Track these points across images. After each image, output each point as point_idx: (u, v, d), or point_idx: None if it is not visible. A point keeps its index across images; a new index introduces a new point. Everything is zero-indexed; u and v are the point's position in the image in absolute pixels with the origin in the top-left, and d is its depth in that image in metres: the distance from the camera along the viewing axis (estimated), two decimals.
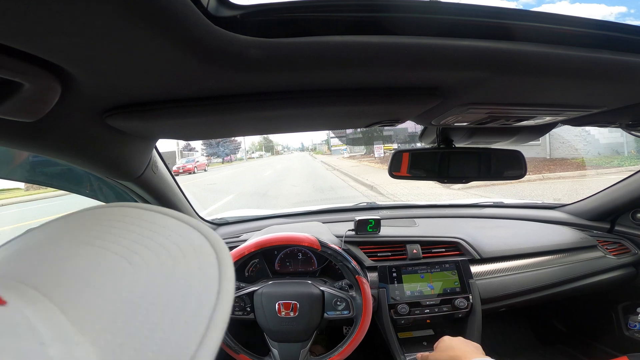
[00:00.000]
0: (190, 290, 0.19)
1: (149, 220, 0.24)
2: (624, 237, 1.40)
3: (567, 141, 11.29)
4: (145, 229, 0.23)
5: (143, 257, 0.21)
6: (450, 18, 0.37)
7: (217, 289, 0.19)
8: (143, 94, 0.47)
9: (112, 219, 0.25)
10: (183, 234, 0.23)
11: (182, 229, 0.23)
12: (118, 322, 0.17)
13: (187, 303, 0.18)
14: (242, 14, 0.33)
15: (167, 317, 0.18)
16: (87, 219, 0.26)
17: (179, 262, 0.21)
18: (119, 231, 0.23)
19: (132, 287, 0.19)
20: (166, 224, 0.24)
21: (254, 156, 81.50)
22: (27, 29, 0.28)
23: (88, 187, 0.96)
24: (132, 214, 0.25)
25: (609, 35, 0.41)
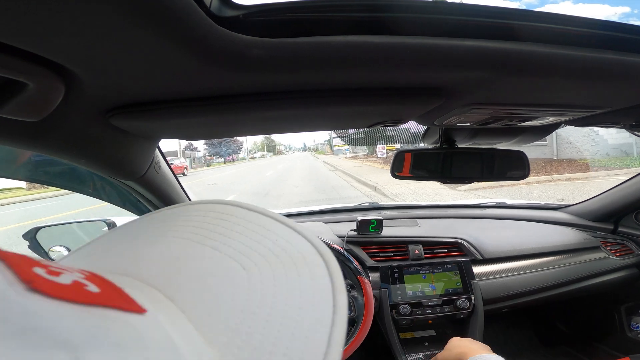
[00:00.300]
0: (306, 303, 0.18)
1: (254, 221, 0.23)
2: (627, 238, 1.40)
3: (575, 142, 11.12)
4: (251, 230, 0.23)
5: (255, 262, 0.20)
6: (453, 18, 0.37)
7: (332, 302, 0.18)
8: (146, 94, 0.47)
9: (217, 217, 0.24)
10: (290, 240, 0.22)
11: (289, 234, 0.22)
12: (242, 333, 0.17)
13: (305, 316, 0.17)
14: (245, 14, 0.33)
15: (287, 330, 0.17)
16: (188, 215, 0.25)
17: (290, 271, 0.20)
18: (227, 231, 0.22)
19: (249, 295, 0.18)
20: (271, 227, 0.23)
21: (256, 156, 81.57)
22: (31, 28, 0.29)
23: (91, 186, 0.96)
24: (237, 213, 0.24)
25: (613, 35, 0.41)
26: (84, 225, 1.23)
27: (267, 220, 0.23)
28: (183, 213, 0.26)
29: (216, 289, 0.19)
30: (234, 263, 0.20)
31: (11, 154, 0.80)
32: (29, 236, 1.08)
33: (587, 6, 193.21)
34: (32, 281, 0.13)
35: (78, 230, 1.23)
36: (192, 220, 0.25)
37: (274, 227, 0.23)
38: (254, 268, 0.20)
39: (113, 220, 1.15)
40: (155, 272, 0.20)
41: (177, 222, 0.25)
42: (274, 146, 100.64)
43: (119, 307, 0.15)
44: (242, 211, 0.25)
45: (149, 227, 0.26)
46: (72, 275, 0.15)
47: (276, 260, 0.20)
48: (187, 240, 0.22)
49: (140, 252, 0.23)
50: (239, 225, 0.23)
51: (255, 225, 0.23)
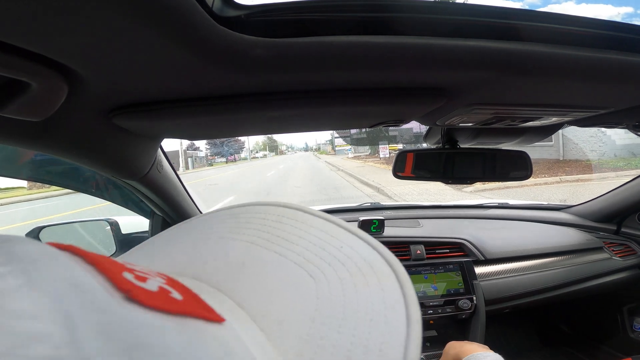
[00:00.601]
0: (377, 315, 0.17)
1: (315, 226, 0.23)
2: (630, 239, 1.39)
3: (582, 142, 10.90)
4: (314, 236, 0.22)
5: (322, 270, 0.19)
6: (456, 18, 0.37)
7: (405, 314, 0.17)
8: (149, 94, 0.47)
9: (277, 220, 0.23)
10: (354, 247, 0.21)
11: (353, 240, 0.22)
12: (313, 345, 0.16)
13: (377, 329, 0.16)
14: (247, 14, 0.33)
15: (360, 343, 0.16)
16: (248, 217, 0.25)
17: (358, 280, 0.19)
18: (290, 236, 0.22)
19: (318, 305, 0.18)
20: (334, 233, 0.22)
21: (258, 156, 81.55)
22: (35, 29, 0.29)
23: (94, 186, 0.96)
24: (297, 217, 0.24)
25: (616, 35, 0.40)
26: (86, 224, 1.24)
27: (328, 226, 0.23)
28: (242, 214, 0.25)
29: (285, 297, 0.18)
30: (301, 270, 0.19)
31: (15, 153, 0.81)
32: (32, 235, 1.08)
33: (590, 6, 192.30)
34: (129, 290, 0.13)
35: (81, 229, 1.24)
36: (253, 222, 0.24)
37: (337, 233, 0.22)
38: (321, 276, 0.19)
39: (115, 220, 1.16)
40: (222, 276, 0.20)
41: (237, 223, 0.24)
42: (275, 146, 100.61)
43: (202, 317, 0.15)
44: (301, 215, 0.24)
45: (207, 226, 0.25)
46: (156, 281, 0.15)
47: (343, 269, 0.19)
48: (250, 244, 0.22)
49: (203, 253, 0.22)
50: (301, 230, 0.22)
51: (317, 230, 0.22)
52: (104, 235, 1.16)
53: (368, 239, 0.22)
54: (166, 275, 0.17)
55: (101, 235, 1.17)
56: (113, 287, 0.13)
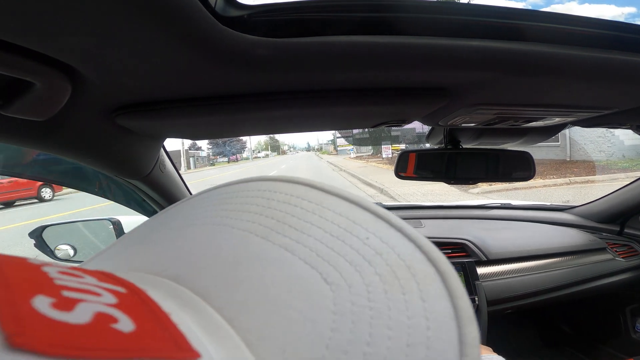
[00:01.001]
0: (418, 337, 0.13)
1: (333, 209, 0.18)
2: (633, 240, 1.38)
3: (590, 142, 10.62)
4: (332, 223, 0.17)
5: (341, 272, 0.15)
6: (459, 18, 0.37)
7: (457, 337, 0.13)
8: (152, 94, 0.47)
9: (285, 201, 0.19)
10: (385, 238, 0.16)
11: (383, 230, 0.16)
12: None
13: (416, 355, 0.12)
14: (250, 14, 0.33)
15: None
16: (248, 197, 0.20)
17: (392, 287, 0.14)
18: (299, 223, 0.17)
19: (335, 325, 0.13)
20: (358, 218, 0.17)
21: (260, 155, 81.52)
22: (38, 29, 0.29)
23: (97, 185, 0.97)
24: (310, 196, 0.19)
25: (620, 35, 0.40)
26: (89, 224, 1.24)
27: (351, 208, 0.18)
28: (241, 193, 0.21)
29: (290, 312, 0.14)
30: (313, 272, 0.15)
31: (18, 152, 0.81)
32: (35, 234, 1.08)
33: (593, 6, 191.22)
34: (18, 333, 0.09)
35: (83, 228, 1.24)
36: (253, 203, 0.19)
37: (361, 219, 0.17)
38: (340, 281, 0.15)
39: (118, 219, 1.16)
40: (211, 280, 0.16)
41: (234, 205, 0.20)
42: (277, 146, 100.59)
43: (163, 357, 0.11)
44: (316, 193, 0.19)
45: (197, 211, 0.21)
46: (95, 304, 0.11)
47: (370, 270, 0.15)
48: (248, 233, 0.17)
49: (190, 247, 0.18)
50: (315, 214, 0.18)
51: (335, 215, 0.17)
52: (106, 235, 1.16)
53: (404, 227, 0.16)
54: (128, 286, 0.13)
55: (104, 234, 1.18)
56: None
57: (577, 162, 10.32)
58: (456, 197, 6.70)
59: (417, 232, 0.16)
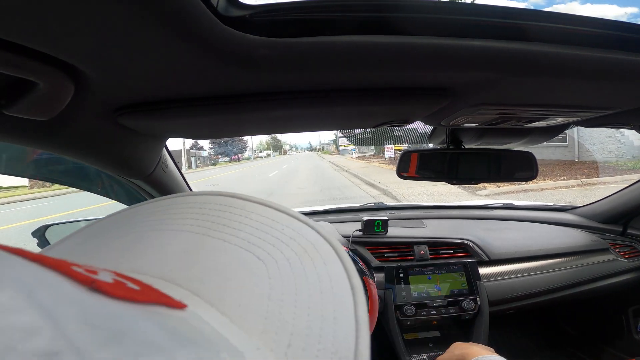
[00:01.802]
0: (325, 287, 0.18)
1: (256, 212, 0.23)
2: (636, 240, 1.38)
3: (599, 143, 10.27)
4: (256, 221, 0.22)
5: (268, 252, 0.20)
6: (461, 18, 0.37)
7: (349, 284, 0.19)
8: (154, 93, 0.47)
9: (216, 209, 0.23)
10: (296, 229, 0.22)
11: (294, 223, 0.22)
12: (275, 320, 0.17)
13: (327, 300, 0.18)
14: (251, 14, 0.33)
15: (316, 314, 0.17)
16: (183, 207, 0.24)
17: (304, 259, 0.20)
18: (231, 222, 0.22)
19: (271, 284, 0.18)
20: (275, 217, 0.23)
21: (262, 155, 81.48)
22: (42, 28, 0.29)
23: (99, 184, 0.97)
24: (236, 204, 0.24)
25: (623, 35, 0.40)
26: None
27: (269, 211, 0.23)
28: (175, 205, 0.25)
29: (237, 280, 0.19)
30: (248, 254, 0.20)
31: (20, 152, 0.81)
32: (38, 234, 1.09)
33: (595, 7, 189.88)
34: (92, 281, 0.13)
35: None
36: (189, 212, 0.24)
37: (278, 217, 0.23)
38: (268, 257, 0.20)
39: None
40: (166, 267, 0.19)
41: (171, 214, 0.24)
42: (279, 145, 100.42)
43: (165, 304, 0.15)
44: (240, 202, 0.24)
45: (137, 220, 0.24)
46: (106, 274, 0.15)
47: (288, 249, 0.20)
48: (189, 232, 0.22)
49: (139, 247, 0.21)
50: (241, 216, 0.23)
51: (258, 216, 0.23)
52: None
53: (308, 221, 0.23)
54: (108, 269, 0.16)
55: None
56: (73, 280, 0.13)
57: (586, 163, 10.06)
58: (464, 199, 6.61)
59: (316, 223, 0.23)
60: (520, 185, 6.84)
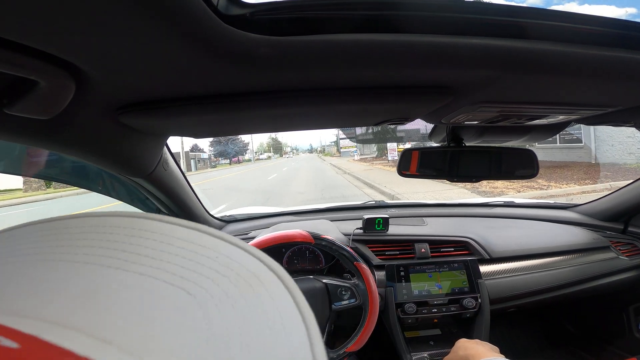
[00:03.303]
0: (275, 325, 0.16)
1: (181, 237, 0.19)
2: (637, 238, 1.38)
3: (618, 143, 9.44)
4: (182, 248, 0.18)
5: (202, 286, 0.17)
6: (462, 16, 0.37)
7: (302, 320, 0.16)
8: (155, 92, 0.47)
9: (130, 234, 0.19)
10: (234, 257, 0.18)
11: (229, 249, 0.19)
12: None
13: (280, 339, 0.15)
14: (252, 12, 0.33)
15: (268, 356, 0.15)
16: (87, 232, 0.19)
17: (246, 292, 0.17)
18: (151, 252, 0.18)
19: (209, 324, 0.15)
20: (205, 242, 0.19)
21: (262, 157, 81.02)
22: (43, 27, 0.29)
23: (100, 183, 0.97)
24: (154, 228, 0.20)
25: (624, 33, 0.40)
26: None
27: (197, 235, 0.20)
28: (76, 228, 0.20)
29: (166, 322, 0.15)
30: (178, 290, 0.16)
31: (22, 151, 0.82)
32: None
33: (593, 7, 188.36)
34: None
35: None
36: (96, 239, 0.19)
37: (209, 243, 0.19)
38: (203, 293, 0.16)
39: None
40: (66, 309, 0.14)
41: (70, 240, 0.19)
42: (280, 147, 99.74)
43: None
44: (158, 225, 0.20)
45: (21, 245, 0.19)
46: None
47: (226, 281, 0.17)
48: (97, 265, 0.17)
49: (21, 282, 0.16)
50: (164, 242, 0.19)
51: (184, 242, 0.19)
52: None
53: (246, 246, 0.19)
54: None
55: None
56: None
57: (606, 165, 9.35)
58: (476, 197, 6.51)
59: (256, 249, 0.19)
60: (544, 191, 6.66)
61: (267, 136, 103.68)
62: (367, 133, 16.90)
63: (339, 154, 53.10)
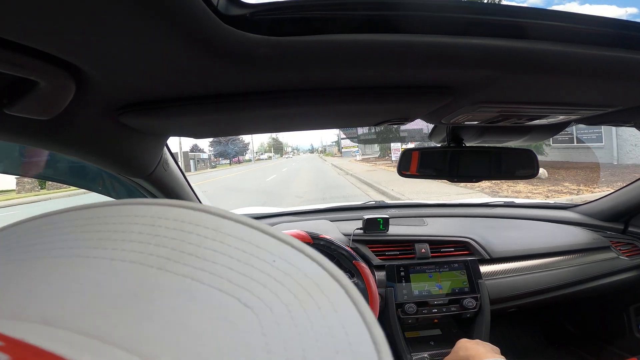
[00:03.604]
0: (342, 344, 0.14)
1: (235, 235, 0.17)
2: (637, 238, 1.38)
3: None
4: (235, 248, 0.16)
5: (258, 295, 0.15)
6: (462, 16, 0.37)
7: (370, 338, 0.14)
8: (155, 92, 0.47)
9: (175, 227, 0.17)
10: (292, 260, 0.16)
11: (287, 252, 0.17)
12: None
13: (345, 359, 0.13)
14: (252, 13, 0.33)
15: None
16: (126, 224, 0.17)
17: (307, 303, 0.15)
18: (199, 250, 0.16)
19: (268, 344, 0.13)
20: (261, 242, 0.17)
21: (263, 158, 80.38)
22: (43, 27, 0.29)
23: (100, 184, 0.97)
24: (204, 222, 0.17)
25: (624, 33, 0.40)
26: None
27: (251, 233, 0.17)
28: (116, 218, 0.17)
29: (219, 340, 0.13)
30: (229, 299, 0.14)
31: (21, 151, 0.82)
32: None
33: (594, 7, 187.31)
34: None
35: None
36: (136, 231, 0.16)
37: (264, 243, 0.17)
38: (259, 304, 0.14)
39: None
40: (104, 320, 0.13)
41: (109, 232, 0.17)
42: (281, 147, 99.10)
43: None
44: (211, 219, 0.17)
45: (54, 237, 0.17)
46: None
47: (284, 291, 0.15)
48: (137, 264, 0.15)
49: (54, 283, 0.14)
50: (215, 240, 0.16)
51: (237, 241, 0.17)
52: None
53: (305, 248, 0.17)
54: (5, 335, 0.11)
55: None
56: None
57: (630, 167, 8.74)
58: None
59: (315, 252, 0.17)
60: (578, 196, 6.50)
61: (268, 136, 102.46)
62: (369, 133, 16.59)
63: (340, 154, 52.38)
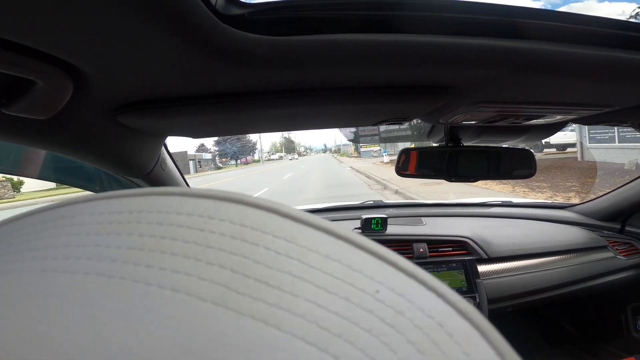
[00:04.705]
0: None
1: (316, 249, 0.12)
2: (634, 238, 1.38)
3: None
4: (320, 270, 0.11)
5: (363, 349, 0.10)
6: (461, 16, 0.37)
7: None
8: (153, 92, 0.47)
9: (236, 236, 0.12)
10: (399, 289, 0.11)
11: (391, 276, 0.12)
12: None
13: None
14: (251, 12, 0.33)
15: None
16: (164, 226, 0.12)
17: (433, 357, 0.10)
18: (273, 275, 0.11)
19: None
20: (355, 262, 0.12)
21: (274, 158, 77.53)
22: (41, 27, 0.29)
23: (98, 184, 0.97)
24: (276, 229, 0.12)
25: (622, 34, 0.40)
26: None
27: (340, 247, 0.12)
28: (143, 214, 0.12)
29: None
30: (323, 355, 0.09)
31: (19, 151, 0.81)
32: None
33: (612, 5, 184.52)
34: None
35: None
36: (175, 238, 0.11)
37: (360, 263, 0.12)
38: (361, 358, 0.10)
39: None
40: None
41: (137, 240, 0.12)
42: (293, 147, 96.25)
43: None
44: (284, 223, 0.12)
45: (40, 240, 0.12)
46: None
47: (399, 339, 0.10)
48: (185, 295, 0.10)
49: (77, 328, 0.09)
50: (291, 258, 0.11)
51: (322, 260, 0.11)
52: None
53: (417, 272, 0.12)
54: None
55: None
56: None
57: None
58: None
59: (432, 277, 0.12)
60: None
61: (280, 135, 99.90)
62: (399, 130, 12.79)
63: (357, 153, 41.18)
